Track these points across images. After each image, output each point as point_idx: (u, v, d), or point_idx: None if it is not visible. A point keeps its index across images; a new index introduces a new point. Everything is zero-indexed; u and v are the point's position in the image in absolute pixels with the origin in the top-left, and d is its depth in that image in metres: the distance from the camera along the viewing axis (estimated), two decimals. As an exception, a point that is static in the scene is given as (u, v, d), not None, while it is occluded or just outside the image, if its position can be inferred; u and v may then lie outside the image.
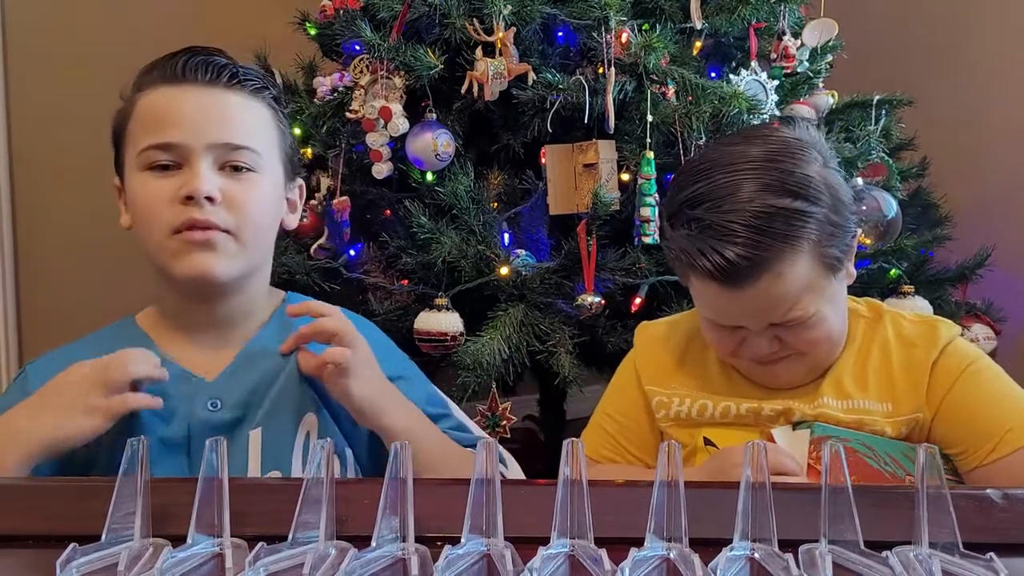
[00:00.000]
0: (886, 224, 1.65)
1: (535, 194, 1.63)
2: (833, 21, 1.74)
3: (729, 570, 0.58)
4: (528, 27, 1.57)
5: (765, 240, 0.89)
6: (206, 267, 0.95)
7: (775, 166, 0.92)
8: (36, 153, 2.46)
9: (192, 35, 1.58)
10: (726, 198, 0.91)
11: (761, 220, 0.89)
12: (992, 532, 0.65)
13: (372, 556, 0.59)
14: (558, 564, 0.59)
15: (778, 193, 0.90)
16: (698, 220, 0.92)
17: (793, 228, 0.90)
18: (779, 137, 0.98)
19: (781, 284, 0.91)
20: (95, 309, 1.47)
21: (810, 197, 0.91)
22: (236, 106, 0.98)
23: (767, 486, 0.59)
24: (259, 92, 1.01)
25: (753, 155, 0.94)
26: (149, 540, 0.61)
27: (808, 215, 0.91)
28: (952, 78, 2.32)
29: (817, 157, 0.95)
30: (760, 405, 1.01)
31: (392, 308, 1.56)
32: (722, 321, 0.98)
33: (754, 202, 0.90)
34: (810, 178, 0.92)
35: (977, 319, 1.79)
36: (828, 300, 0.96)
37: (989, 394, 0.99)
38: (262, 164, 0.99)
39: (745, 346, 0.98)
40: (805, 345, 0.97)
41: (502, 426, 1.49)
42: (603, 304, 1.47)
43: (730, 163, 0.94)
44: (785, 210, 0.90)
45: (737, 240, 0.89)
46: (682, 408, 1.04)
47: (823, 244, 0.92)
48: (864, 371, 1.02)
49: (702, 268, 0.91)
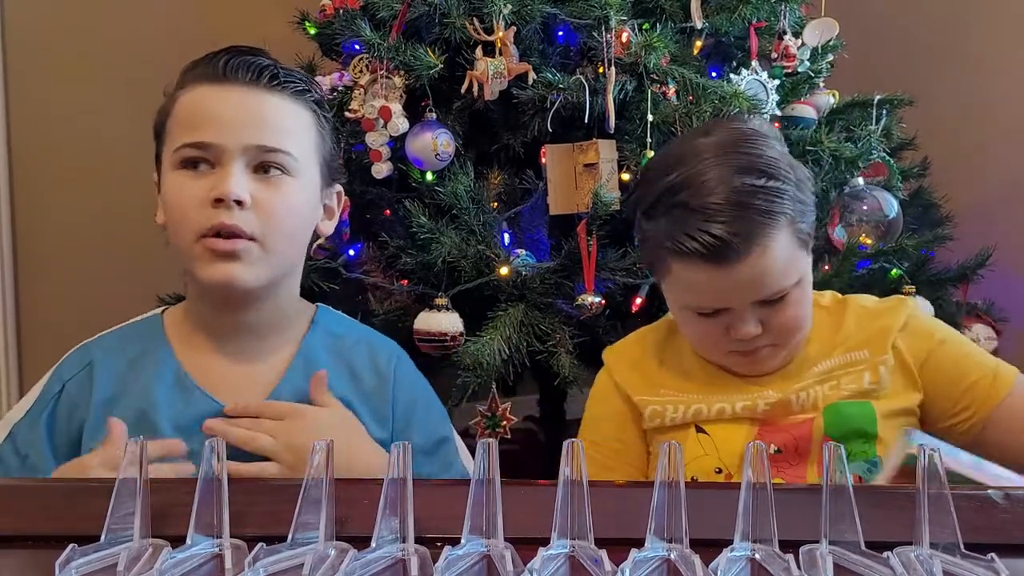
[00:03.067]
0: (887, 224, 1.65)
1: (535, 194, 1.62)
2: (834, 21, 1.74)
3: (730, 571, 0.58)
4: (528, 26, 1.57)
5: (749, 216, 0.94)
6: (230, 275, 0.94)
7: (743, 151, 0.98)
8: (36, 153, 2.46)
9: (192, 35, 1.59)
10: (704, 183, 0.96)
11: (743, 197, 0.94)
12: (993, 532, 0.65)
13: (372, 557, 0.59)
14: (558, 565, 0.59)
15: (753, 174, 0.96)
16: (681, 205, 0.96)
17: (773, 204, 0.95)
18: (736, 127, 1.05)
19: (768, 258, 0.96)
20: (95, 309, 1.47)
21: (780, 176, 0.97)
22: (275, 108, 0.97)
23: (768, 487, 0.59)
24: (301, 95, 1.00)
25: (719, 143, 1.00)
26: (148, 540, 0.60)
27: (782, 192, 0.96)
28: (953, 78, 2.32)
29: (774, 143, 1.01)
30: (755, 403, 1.03)
31: (392, 308, 1.56)
32: (707, 305, 1.00)
33: (732, 183, 0.95)
34: (776, 159, 0.99)
35: (978, 319, 1.79)
36: (803, 276, 1.01)
37: (962, 353, 1.07)
38: (297, 168, 0.97)
39: (729, 333, 1.01)
40: (786, 323, 1.01)
41: (502, 426, 1.48)
42: (603, 304, 1.47)
43: (698, 153, 0.99)
44: (763, 188, 0.96)
45: (722, 219, 0.94)
46: (676, 414, 1.05)
47: (796, 220, 0.98)
48: (835, 339, 1.08)
49: (691, 250, 0.95)
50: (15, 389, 2.38)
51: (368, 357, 1.08)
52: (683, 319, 1.06)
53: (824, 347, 1.08)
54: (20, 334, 2.48)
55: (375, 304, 1.58)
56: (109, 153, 2.43)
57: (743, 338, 1.00)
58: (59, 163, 2.45)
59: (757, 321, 1.00)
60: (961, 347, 1.08)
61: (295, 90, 0.99)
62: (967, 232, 1.91)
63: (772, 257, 0.96)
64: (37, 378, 1.06)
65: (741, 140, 1.00)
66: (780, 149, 1.01)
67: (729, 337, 1.01)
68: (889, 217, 1.65)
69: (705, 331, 1.03)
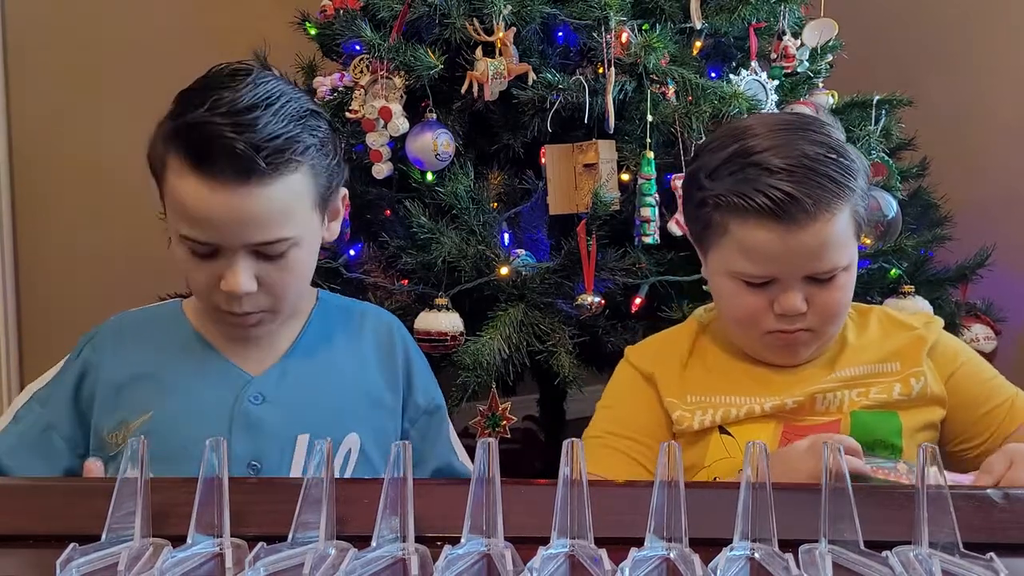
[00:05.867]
0: (886, 224, 1.65)
1: (535, 194, 1.63)
2: (833, 21, 1.74)
3: (729, 570, 0.58)
4: (528, 27, 1.57)
5: (823, 182, 0.95)
6: (247, 336, 1.01)
7: (816, 129, 1.00)
8: (36, 153, 2.46)
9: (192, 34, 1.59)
10: (780, 147, 0.96)
11: (819, 164, 0.95)
12: (992, 532, 0.65)
13: (372, 556, 0.59)
14: (558, 564, 0.59)
15: (826, 148, 0.97)
16: (758, 165, 0.96)
17: (845, 178, 0.96)
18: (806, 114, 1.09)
19: (831, 228, 0.96)
20: (95, 309, 1.46)
21: (850, 157, 0.99)
22: (268, 200, 0.90)
23: (767, 486, 0.59)
24: (289, 163, 0.91)
25: (788, 120, 1.03)
26: (149, 540, 0.61)
27: (853, 171, 0.98)
28: (952, 78, 2.32)
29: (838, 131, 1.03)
30: (783, 401, 1.02)
31: (392, 308, 1.55)
32: (760, 272, 0.98)
33: (808, 150, 0.96)
34: (843, 142, 1.00)
35: (977, 319, 1.79)
36: (851, 263, 1.00)
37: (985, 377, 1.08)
38: (301, 237, 0.95)
39: (774, 307, 1.00)
40: (830, 305, 1.00)
41: (502, 426, 1.48)
42: (603, 304, 1.47)
43: (772, 125, 1.01)
44: (836, 161, 0.96)
45: (803, 180, 0.94)
46: (705, 417, 1.03)
47: (858, 204, 0.99)
48: (864, 345, 1.07)
49: (760, 204, 0.94)
50: (15, 389, 2.38)
51: (374, 324, 1.12)
52: (729, 290, 1.02)
53: (851, 351, 1.07)
54: (20, 334, 2.48)
55: (375, 304, 1.58)
56: (109, 153, 2.43)
57: (788, 312, 0.98)
58: (59, 163, 2.45)
59: (803, 298, 0.99)
60: (984, 371, 1.08)
61: (281, 161, 0.90)
62: (966, 232, 1.92)
63: (835, 229, 0.96)
64: (37, 377, 1.06)
65: (811, 120, 1.03)
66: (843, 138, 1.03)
67: (772, 313, 1.00)
68: (888, 217, 1.65)
69: (750, 304, 1.00)
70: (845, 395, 1.02)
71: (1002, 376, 1.08)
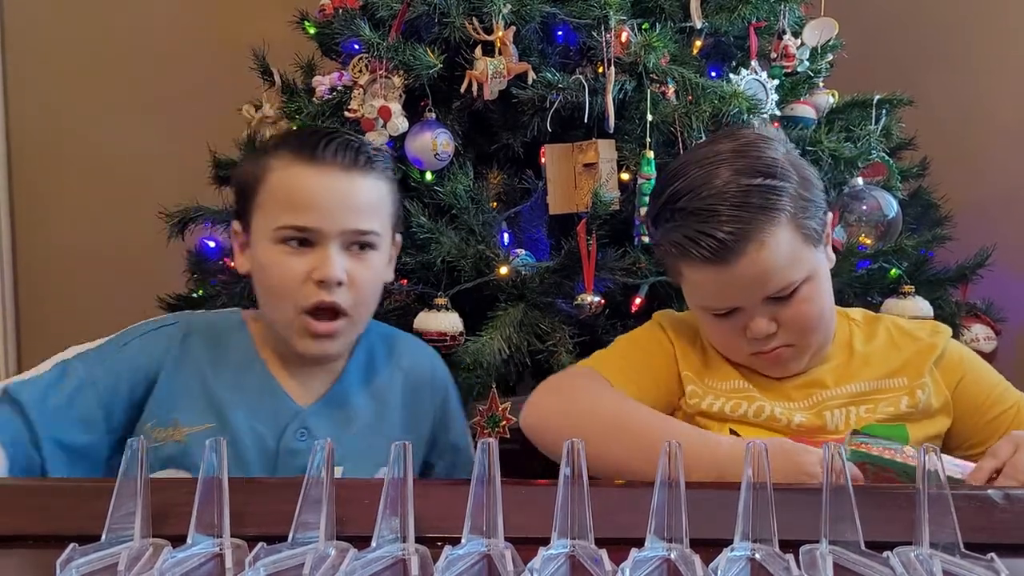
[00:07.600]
0: (886, 224, 1.65)
1: (535, 194, 1.62)
2: (833, 20, 1.74)
3: (730, 571, 0.58)
4: (528, 26, 1.57)
5: (745, 215, 0.97)
6: (324, 351, 1.05)
7: (744, 154, 1.01)
8: (36, 154, 2.46)
9: (192, 34, 1.59)
10: (703, 186, 0.99)
11: (739, 198, 0.97)
12: (993, 532, 0.65)
13: (372, 556, 0.59)
14: (558, 564, 0.59)
15: (750, 175, 0.99)
16: (682, 211, 0.99)
17: (769, 201, 0.98)
18: (744, 133, 1.08)
19: (766, 253, 0.97)
20: (95, 309, 1.47)
21: (778, 175, 0.99)
22: (367, 190, 1.04)
23: (768, 486, 0.59)
24: (385, 171, 1.06)
25: (723, 149, 1.03)
26: (149, 540, 0.61)
27: (780, 189, 0.99)
28: (953, 78, 2.32)
29: (779, 147, 1.04)
30: (791, 418, 1.03)
31: (392, 308, 1.56)
32: (718, 305, 1.02)
33: (730, 185, 0.98)
34: (776, 160, 1.01)
35: (977, 319, 1.79)
36: (812, 273, 1.02)
37: (991, 383, 1.09)
38: (381, 241, 1.05)
39: (747, 333, 1.02)
40: (798, 319, 1.01)
41: (502, 426, 1.48)
42: (603, 304, 1.47)
43: (701, 159, 1.02)
44: (759, 187, 0.98)
45: (721, 219, 0.97)
46: (716, 402, 1.06)
47: (798, 216, 1.00)
48: (871, 354, 1.08)
49: (695, 254, 0.98)
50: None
51: (413, 359, 1.17)
52: (703, 321, 1.08)
53: (859, 359, 1.08)
54: (20, 334, 2.48)
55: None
56: (109, 153, 2.43)
57: (757, 336, 1.01)
58: (59, 164, 2.45)
59: (770, 319, 1.01)
60: (990, 377, 1.10)
61: (382, 167, 1.06)
62: (966, 232, 1.92)
63: (772, 253, 0.97)
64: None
65: (742, 145, 1.02)
66: (783, 150, 1.03)
67: (746, 337, 1.03)
68: (888, 217, 1.65)
69: (724, 332, 1.05)
70: (853, 412, 1.04)
71: (1007, 382, 1.09)
